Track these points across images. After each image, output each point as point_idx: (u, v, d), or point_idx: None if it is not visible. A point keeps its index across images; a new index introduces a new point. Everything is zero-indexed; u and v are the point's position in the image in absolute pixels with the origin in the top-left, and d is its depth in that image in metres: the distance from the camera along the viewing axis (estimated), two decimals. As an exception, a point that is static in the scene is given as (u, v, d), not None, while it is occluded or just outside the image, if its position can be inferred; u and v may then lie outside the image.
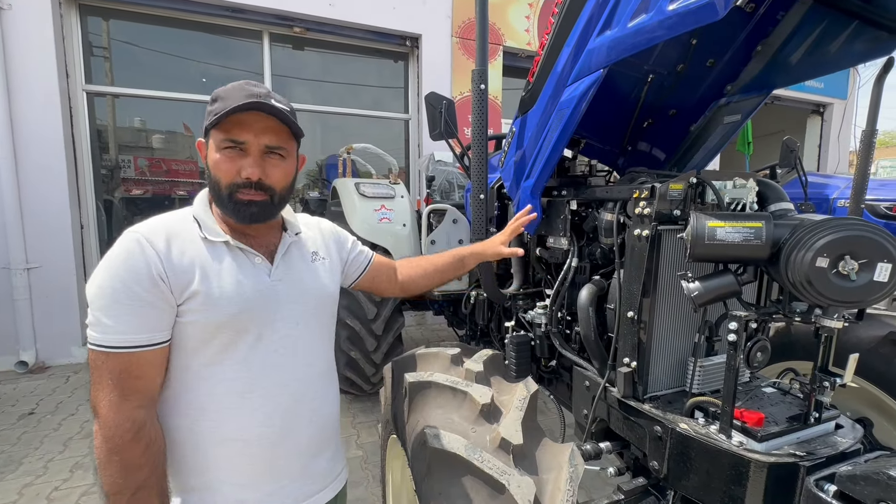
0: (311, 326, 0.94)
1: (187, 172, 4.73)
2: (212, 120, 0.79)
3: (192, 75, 4.54)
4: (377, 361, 2.65)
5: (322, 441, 0.95)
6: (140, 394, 0.75)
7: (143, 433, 0.74)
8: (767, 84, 1.42)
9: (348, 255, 1.12)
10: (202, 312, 0.77)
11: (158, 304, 0.75)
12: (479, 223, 1.66)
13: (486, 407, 0.84)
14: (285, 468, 0.87)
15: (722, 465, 0.99)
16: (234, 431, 0.82)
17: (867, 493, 0.79)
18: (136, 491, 0.73)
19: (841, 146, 7.85)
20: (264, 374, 0.84)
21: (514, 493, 0.67)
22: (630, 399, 1.20)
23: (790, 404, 1.14)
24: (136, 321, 0.73)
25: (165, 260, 0.76)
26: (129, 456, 0.72)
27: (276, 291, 0.87)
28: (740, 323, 0.96)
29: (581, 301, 1.38)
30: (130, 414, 0.73)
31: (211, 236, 0.82)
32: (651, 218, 1.12)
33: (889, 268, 0.83)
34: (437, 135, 1.94)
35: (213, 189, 0.84)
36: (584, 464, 1.09)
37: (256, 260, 0.87)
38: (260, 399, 0.83)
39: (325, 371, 0.98)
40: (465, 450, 0.73)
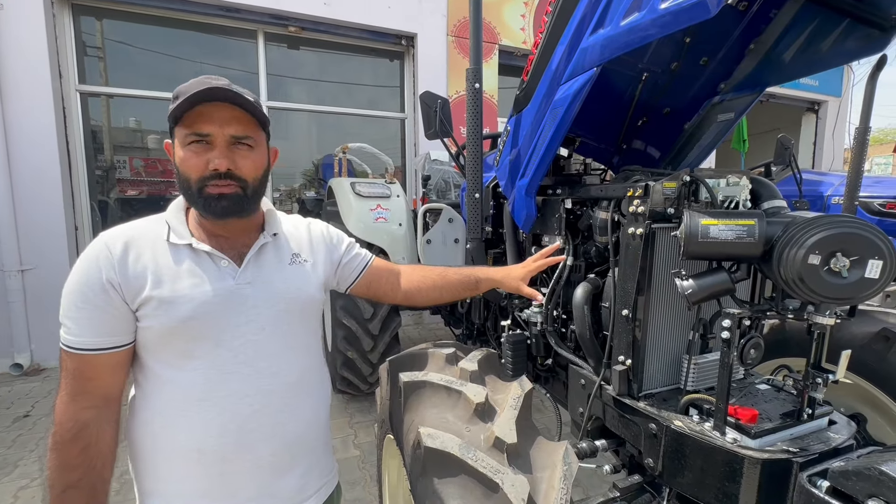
0: (280, 332, 0.88)
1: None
2: (173, 115, 0.77)
3: (187, 75, 4.47)
4: (374, 361, 2.65)
5: (289, 458, 0.88)
6: (90, 395, 0.76)
7: (84, 434, 0.74)
8: (760, 82, 1.43)
9: (341, 258, 1.07)
10: (156, 318, 0.77)
11: (109, 310, 0.75)
12: (475, 222, 1.66)
13: (480, 406, 0.84)
14: (241, 485, 0.82)
15: (716, 461, 0.99)
16: (188, 441, 0.79)
17: (859, 489, 0.80)
18: (65, 489, 0.73)
19: (836, 143, 7.90)
20: (222, 382, 0.81)
21: (508, 492, 0.67)
22: (625, 397, 1.20)
23: (784, 401, 1.14)
24: (89, 325, 0.75)
25: (119, 266, 0.76)
26: (67, 455, 0.73)
27: (240, 295, 0.84)
28: (734, 320, 0.97)
29: (576, 299, 1.38)
30: (75, 414, 0.74)
31: (175, 239, 0.82)
32: (645, 216, 1.13)
33: (880, 264, 0.83)
34: (431, 134, 1.94)
35: (183, 188, 0.82)
36: (580, 462, 1.09)
37: (222, 263, 0.84)
38: (216, 408, 0.80)
39: (296, 382, 0.90)
40: (458, 449, 0.73)
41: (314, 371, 0.97)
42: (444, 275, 1.21)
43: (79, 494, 0.74)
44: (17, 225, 3.59)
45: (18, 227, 3.61)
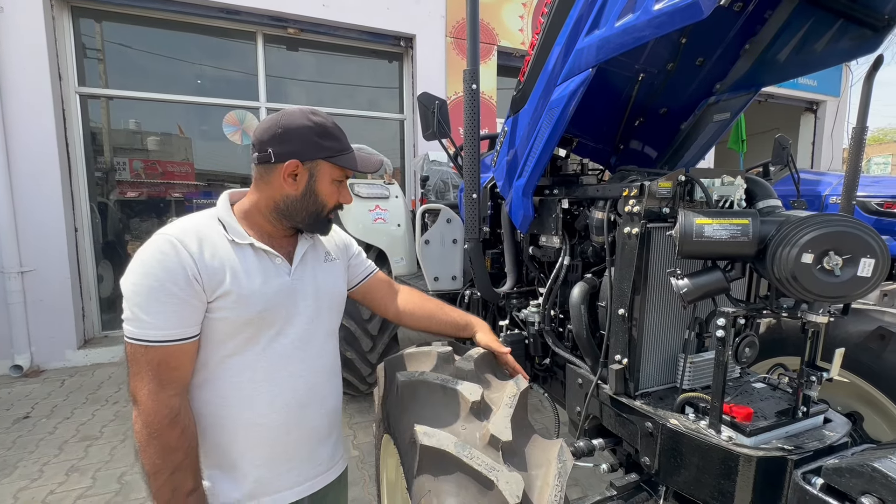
0: (324, 322, 1.02)
1: (183, 174, 4.71)
2: (329, 155, 0.94)
3: (186, 77, 4.53)
4: (373, 361, 2.65)
5: (328, 428, 1.03)
6: (176, 383, 0.82)
7: (179, 419, 0.81)
8: (756, 82, 1.44)
9: (350, 261, 1.19)
10: (233, 310, 0.85)
11: (192, 301, 0.82)
12: (473, 222, 1.67)
13: (475, 404, 0.85)
14: (296, 451, 0.96)
15: (712, 459, 1.00)
16: (254, 417, 0.90)
17: (852, 486, 0.80)
18: (173, 471, 0.79)
19: (834, 143, 7.90)
20: (282, 365, 0.92)
21: (503, 489, 0.68)
22: (622, 396, 1.21)
23: (779, 399, 1.15)
24: (173, 317, 0.80)
25: (199, 261, 0.82)
26: (167, 439, 0.79)
27: (294, 290, 0.95)
28: (728, 319, 0.97)
29: (573, 299, 1.39)
30: (168, 402, 0.80)
31: (237, 239, 0.90)
32: (641, 216, 1.13)
33: (872, 263, 0.84)
34: (429, 135, 1.95)
35: (310, 209, 0.95)
36: (577, 461, 1.10)
37: (277, 261, 0.95)
38: (278, 388, 0.91)
39: (333, 364, 1.06)
40: (454, 447, 0.74)
41: (338, 354, 1.11)
42: (443, 308, 1.27)
43: (184, 475, 0.80)
44: (16, 226, 3.60)
45: (18, 229, 3.61)
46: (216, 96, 4.49)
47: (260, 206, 0.95)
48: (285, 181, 0.92)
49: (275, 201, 0.94)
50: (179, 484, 0.80)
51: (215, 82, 4.59)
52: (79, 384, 3.48)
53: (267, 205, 0.95)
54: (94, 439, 2.62)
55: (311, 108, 0.96)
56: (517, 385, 0.93)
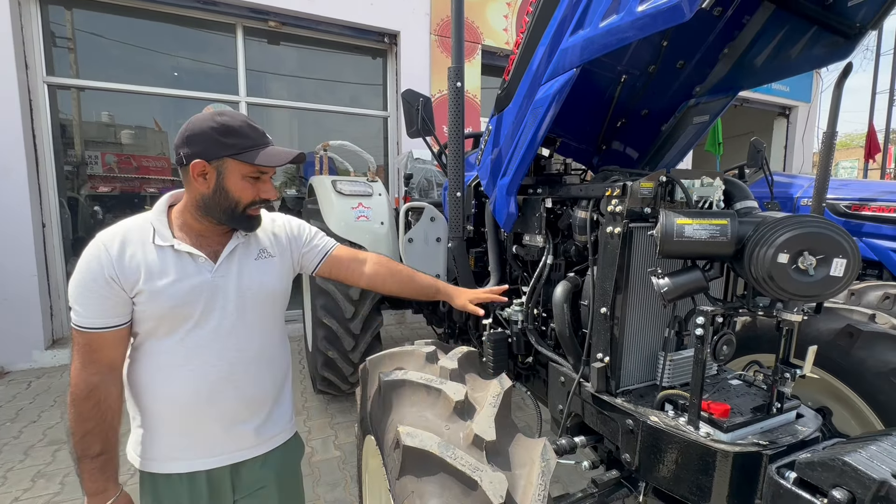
0: (248, 317, 1.09)
1: (158, 169, 4.56)
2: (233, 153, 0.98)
3: (162, 68, 4.39)
4: (355, 361, 2.62)
5: (247, 413, 1.11)
6: (97, 364, 0.95)
7: (95, 394, 0.94)
8: (734, 86, 1.47)
9: (301, 248, 1.25)
10: (147, 304, 0.97)
11: (111, 297, 0.94)
12: (457, 221, 1.66)
13: (459, 404, 0.84)
14: (209, 428, 1.06)
15: (690, 455, 1.01)
16: (170, 395, 1.01)
17: (824, 479, 0.82)
18: (84, 435, 0.93)
19: (805, 147, 8.19)
20: (197, 353, 1.02)
21: (486, 489, 0.67)
22: (603, 393, 1.22)
23: (755, 395, 1.18)
24: (95, 309, 0.93)
25: (117, 263, 0.94)
26: (81, 409, 0.93)
27: (215, 287, 1.03)
28: (707, 317, 0.99)
29: (556, 298, 1.39)
30: (87, 378, 0.94)
31: (160, 241, 0.99)
32: (623, 215, 1.14)
33: (844, 263, 0.87)
34: (414, 132, 1.93)
35: (223, 205, 1.01)
36: (559, 458, 1.10)
37: (199, 260, 1.03)
38: (191, 373, 1.02)
39: (255, 356, 1.11)
40: (437, 447, 0.73)
41: (273, 347, 1.17)
42: (412, 275, 1.43)
43: (94, 438, 0.94)
44: (-21, 222, 3.44)
45: (-19, 225, 3.45)
46: (194, 89, 4.37)
47: (187, 206, 1.04)
48: (196, 180, 0.99)
49: (195, 200, 1.02)
50: (88, 446, 0.94)
51: (193, 75, 4.46)
52: (46, 386, 3.34)
53: (190, 204, 1.04)
54: (63, 444, 2.52)
55: (222, 109, 1.03)
56: (501, 384, 0.93)
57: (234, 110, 1.03)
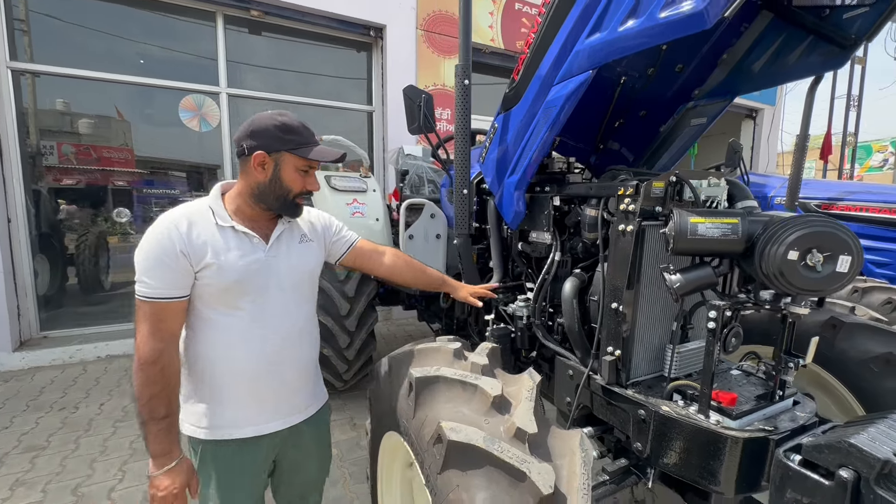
0: (295, 292, 1.22)
1: (122, 161, 4.31)
2: (291, 148, 1.11)
3: (126, 55, 4.12)
4: (350, 358, 2.61)
5: (300, 380, 1.26)
6: (163, 332, 1.04)
7: (161, 359, 1.03)
8: (731, 90, 1.54)
9: (331, 238, 1.39)
10: (213, 278, 1.07)
11: (180, 270, 1.04)
12: (463, 217, 1.68)
13: (497, 399, 0.86)
14: (269, 395, 1.18)
15: (701, 441, 1.07)
16: (234, 365, 1.12)
17: (831, 460, 0.89)
18: (150, 398, 1.01)
19: (770, 148, 8.60)
20: (255, 326, 1.13)
21: (536, 480, 0.69)
22: (614, 385, 1.26)
23: (755, 385, 1.25)
24: (166, 281, 1.03)
25: (187, 239, 1.05)
26: (149, 373, 1.01)
27: (268, 265, 1.15)
28: (719, 311, 1.05)
29: (565, 293, 1.43)
30: (154, 345, 1.02)
31: (221, 222, 1.11)
32: (636, 214, 1.18)
33: (849, 260, 0.93)
34: (415, 128, 1.93)
35: (276, 193, 1.13)
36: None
37: (254, 240, 1.14)
38: (251, 344, 1.13)
39: (302, 328, 1.25)
40: (483, 441, 0.75)
41: (312, 322, 1.32)
42: (423, 268, 1.59)
43: (160, 402, 1.02)
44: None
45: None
46: (168, 78, 4.18)
47: (241, 193, 1.15)
48: (255, 169, 1.11)
49: (250, 188, 1.14)
50: (154, 409, 1.02)
51: (164, 63, 4.25)
52: (16, 390, 3.17)
53: (245, 191, 1.15)
54: (41, 449, 2.40)
55: (280, 111, 1.14)
56: (532, 378, 0.95)
57: (291, 112, 1.16)
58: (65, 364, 3.67)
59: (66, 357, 3.70)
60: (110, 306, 4.46)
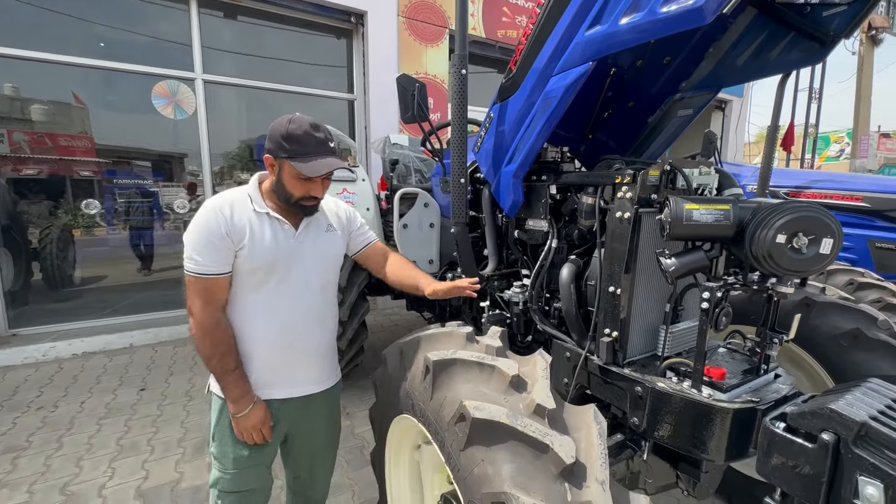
0: (318, 276, 1.35)
1: (83, 150, 4.08)
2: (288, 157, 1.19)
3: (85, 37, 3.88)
4: (342, 348, 2.61)
5: (316, 356, 1.39)
6: (216, 303, 1.21)
7: (221, 323, 1.21)
8: (717, 83, 1.61)
9: (352, 232, 1.50)
10: (248, 258, 1.21)
11: (225, 249, 1.19)
12: (460, 206, 1.70)
13: (514, 378, 0.90)
14: (286, 364, 1.31)
15: (695, 414, 1.14)
16: (260, 334, 1.27)
17: (813, 425, 0.97)
18: (221, 356, 1.20)
19: (738, 139, 8.94)
20: (285, 300, 1.27)
21: (558, 451, 0.74)
22: (611, 365, 1.33)
23: (739, 361, 1.34)
24: (214, 259, 1.18)
25: (229, 223, 1.19)
26: (215, 337, 1.19)
27: (296, 250, 1.29)
28: (712, 293, 1.12)
29: (563, 279, 1.48)
30: (213, 313, 1.20)
31: (258, 208, 1.25)
32: (633, 201, 1.24)
33: (831, 242, 1.01)
34: (409, 117, 1.93)
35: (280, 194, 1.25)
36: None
37: (286, 227, 1.28)
38: (278, 317, 1.27)
39: (322, 308, 1.39)
40: (506, 417, 0.79)
41: (331, 306, 1.44)
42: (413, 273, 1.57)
43: (228, 357, 1.21)
44: None
45: None
46: (137, 62, 3.99)
47: (268, 186, 1.29)
48: (268, 169, 1.25)
49: (270, 183, 1.28)
50: (226, 364, 1.20)
51: (135, 48, 4.06)
52: (-14, 393, 3.03)
53: (268, 186, 1.29)
54: (22, 450, 2.33)
55: (294, 117, 1.21)
56: (544, 358, 1.00)
57: (306, 118, 1.22)
58: (38, 362, 3.52)
59: (38, 355, 3.55)
60: (81, 302, 4.30)
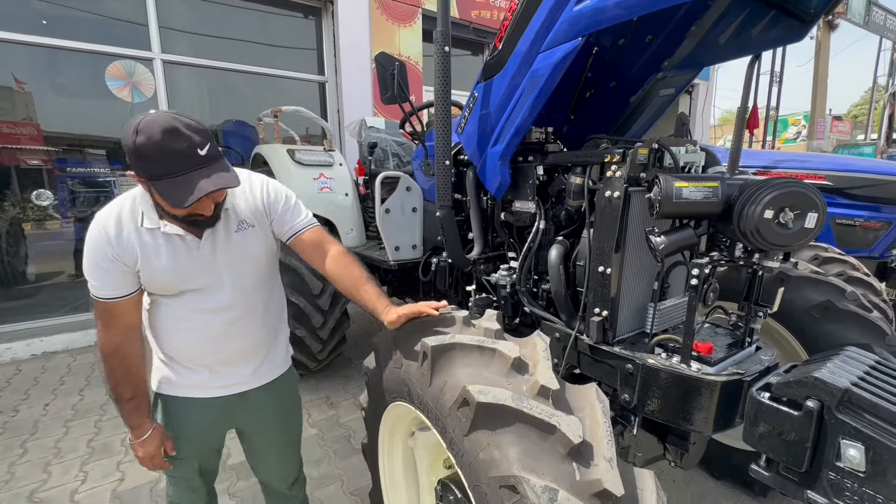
0: (241, 279, 1.22)
1: (29, 137, 3.77)
2: (146, 177, 1.01)
3: (25, 13, 3.57)
4: (324, 338, 2.56)
5: (248, 355, 1.29)
6: (118, 326, 1.12)
7: (119, 351, 1.12)
8: (699, 61, 1.61)
9: (276, 217, 1.27)
10: (148, 280, 1.12)
11: (118, 272, 1.08)
12: (445, 188, 1.67)
13: (516, 361, 0.89)
14: (213, 369, 1.25)
15: (685, 388, 1.17)
16: (178, 344, 1.21)
17: (799, 393, 1.01)
18: (116, 384, 1.14)
19: (704, 121, 9.20)
20: (197, 316, 1.18)
21: (566, 431, 0.73)
22: (601, 344, 1.34)
23: (722, 335, 1.38)
24: (107, 283, 1.08)
25: (116, 244, 1.06)
26: (111, 364, 1.13)
27: (203, 262, 1.15)
28: (701, 269, 1.13)
29: (551, 260, 1.48)
30: (112, 339, 1.12)
31: (149, 224, 1.09)
32: (623, 180, 1.23)
33: (816, 216, 1.04)
34: (388, 98, 1.86)
35: (160, 212, 1.09)
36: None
37: (186, 239, 1.13)
38: (194, 330, 1.19)
39: (252, 313, 1.26)
40: (512, 400, 0.77)
41: (266, 302, 1.31)
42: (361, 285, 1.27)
43: (125, 386, 1.14)
44: None
45: None
46: (86, 41, 3.69)
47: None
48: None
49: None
50: (121, 392, 1.15)
51: (85, 26, 3.76)
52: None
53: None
54: (-16, 458, 2.18)
55: (151, 118, 0.95)
56: (543, 340, 0.99)
57: (161, 119, 0.93)
58: (-9, 365, 3.30)
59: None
60: (38, 300, 4.04)
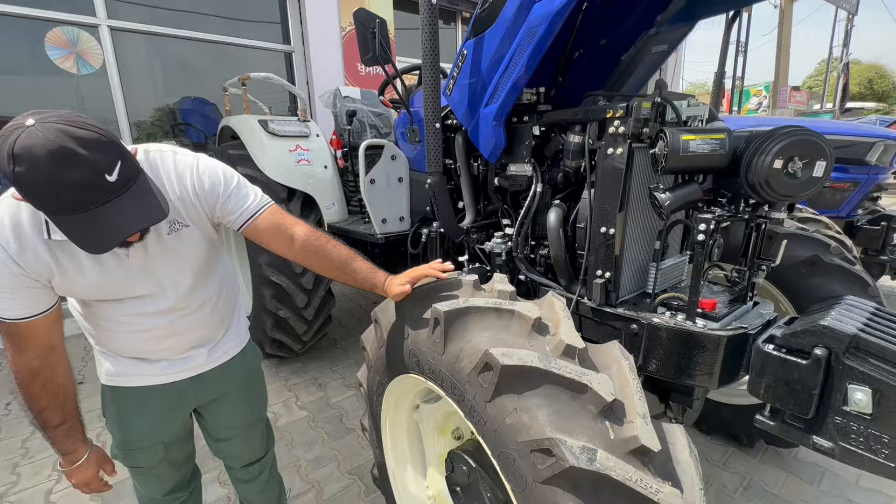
0: (184, 279, 1.09)
1: None
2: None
3: None
4: (309, 318, 2.47)
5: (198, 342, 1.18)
6: (33, 350, 0.95)
7: (40, 377, 0.96)
8: (693, 15, 1.57)
9: (216, 207, 1.09)
10: (67, 292, 0.97)
11: (25, 290, 0.89)
12: (435, 154, 1.59)
13: (536, 321, 0.85)
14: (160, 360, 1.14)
15: (691, 345, 1.17)
16: (118, 346, 1.10)
17: (806, 342, 1.01)
18: (40, 411, 0.98)
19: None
20: (135, 320, 1.05)
21: (598, 390, 0.70)
22: (605, 306, 1.32)
23: (722, 292, 1.38)
24: (13, 303, 0.89)
25: (20, 259, 0.86)
26: (30, 391, 0.97)
27: (133, 271, 1.00)
28: (708, 224, 1.12)
29: (550, 223, 1.44)
30: (27, 363, 0.95)
31: (57, 237, 0.87)
32: (626, 136, 1.19)
33: (824, 165, 1.02)
34: (370, 59, 1.74)
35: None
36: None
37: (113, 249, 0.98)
38: (134, 333, 1.07)
39: (199, 308, 1.15)
40: (539, 361, 0.73)
41: (215, 294, 1.19)
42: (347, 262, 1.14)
43: (51, 413, 0.99)
44: None
45: None
46: (23, 5, 3.32)
47: None
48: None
49: None
50: (47, 420, 0.99)
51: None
52: None
53: None
54: (-60, 464, 2.01)
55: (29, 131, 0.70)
56: (559, 300, 0.95)
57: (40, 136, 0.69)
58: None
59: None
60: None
